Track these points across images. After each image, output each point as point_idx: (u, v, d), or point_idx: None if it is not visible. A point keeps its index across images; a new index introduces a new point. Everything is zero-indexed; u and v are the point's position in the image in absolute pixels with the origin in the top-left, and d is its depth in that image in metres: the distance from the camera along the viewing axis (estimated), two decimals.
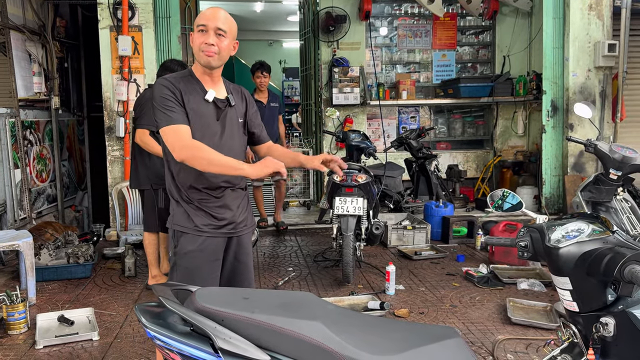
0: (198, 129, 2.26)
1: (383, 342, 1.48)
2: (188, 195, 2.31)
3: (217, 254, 2.36)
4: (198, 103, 2.27)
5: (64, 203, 6.84)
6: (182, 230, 2.31)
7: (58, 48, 6.72)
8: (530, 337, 3.40)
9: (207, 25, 2.23)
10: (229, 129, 2.36)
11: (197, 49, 2.25)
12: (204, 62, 2.26)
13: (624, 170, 3.89)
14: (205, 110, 2.29)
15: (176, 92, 2.23)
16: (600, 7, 6.42)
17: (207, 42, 2.22)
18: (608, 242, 1.56)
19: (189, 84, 2.30)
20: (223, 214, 2.35)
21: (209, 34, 2.23)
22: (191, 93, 2.27)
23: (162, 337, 1.42)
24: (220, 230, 2.35)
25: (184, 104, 2.23)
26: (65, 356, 3.22)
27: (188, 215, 2.31)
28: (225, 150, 2.30)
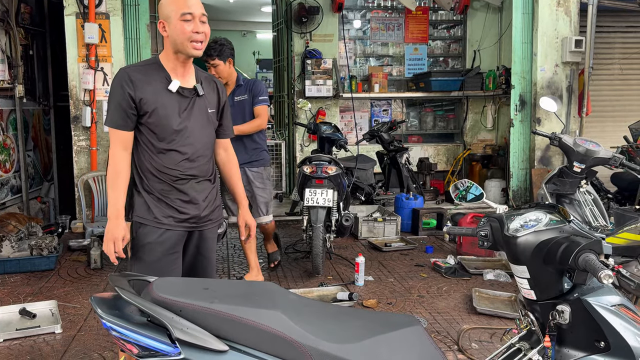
0: (159, 122, 2.20)
1: (344, 331, 1.49)
2: (149, 185, 2.26)
3: (176, 247, 2.31)
4: (158, 94, 2.20)
5: (29, 194, 6.66)
6: (141, 222, 2.26)
7: (22, 35, 6.52)
8: (495, 327, 3.46)
9: (193, 13, 2.13)
10: (197, 120, 2.28)
11: (184, 39, 2.14)
12: (191, 53, 2.19)
13: (587, 163, 3.98)
14: (166, 101, 2.21)
15: (127, 87, 2.16)
16: (568, 4, 6.54)
17: (198, 31, 2.14)
18: (564, 232, 1.59)
19: (151, 73, 2.22)
20: (186, 208, 2.29)
21: (196, 22, 2.14)
22: (150, 83, 2.19)
23: (118, 328, 1.40)
24: (182, 223, 2.29)
25: (135, 98, 2.16)
26: (27, 350, 3.14)
27: (148, 207, 2.26)
28: (194, 142, 2.26)
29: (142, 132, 2.24)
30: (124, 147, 2.22)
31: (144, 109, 2.18)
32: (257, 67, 13.85)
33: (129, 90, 2.15)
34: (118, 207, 2.20)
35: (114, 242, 2.17)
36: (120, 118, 2.18)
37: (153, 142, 2.24)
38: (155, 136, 2.23)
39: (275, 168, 7.72)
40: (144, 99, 2.17)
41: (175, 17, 2.13)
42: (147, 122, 2.21)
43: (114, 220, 2.19)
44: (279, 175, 7.73)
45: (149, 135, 2.23)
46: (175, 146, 2.24)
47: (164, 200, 2.26)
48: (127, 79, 2.16)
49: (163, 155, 2.24)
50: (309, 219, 4.46)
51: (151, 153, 2.25)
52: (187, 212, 2.29)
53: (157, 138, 2.23)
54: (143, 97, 2.17)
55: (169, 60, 2.24)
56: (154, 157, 2.24)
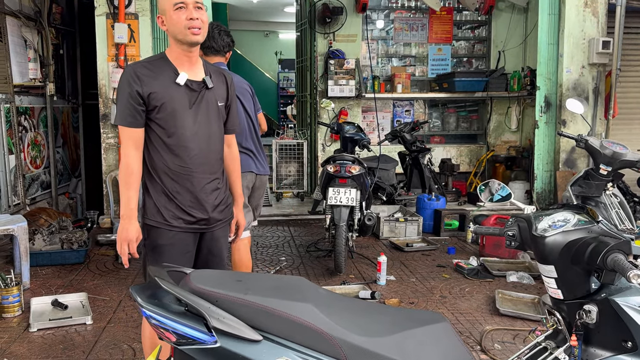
0: (168, 116, 2.18)
1: (373, 325, 1.52)
2: (160, 185, 2.23)
3: (188, 248, 2.29)
4: (166, 87, 2.17)
5: (58, 190, 6.83)
6: (152, 224, 2.24)
7: (54, 34, 6.70)
8: (518, 328, 3.46)
9: (185, 1, 2.12)
10: (205, 113, 2.25)
11: (182, 28, 2.12)
12: (191, 40, 2.15)
13: (614, 165, 3.94)
14: (175, 95, 2.18)
15: (134, 83, 2.14)
16: (596, 4, 6.46)
17: (192, 17, 2.11)
18: (592, 232, 1.61)
19: (158, 68, 2.20)
20: (195, 211, 2.26)
21: (189, 9, 2.12)
22: (157, 77, 2.17)
23: (157, 317, 1.46)
24: (192, 225, 2.27)
25: (142, 94, 2.14)
26: (59, 339, 3.25)
27: (158, 209, 2.23)
28: (203, 137, 2.24)
29: (152, 129, 2.21)
30: (136, 146, 2.19)
31: (153, 104, 2.16)
32: (280, 67, 13.94)
33: (137, 87, 2.13)
34: (131, 206, 2.18)
35: (127, 244, 2.17)
36: (130, 115, 2.15)
37: (163, 138, 2.20)
38: (165, 132, 2.19)
39: (297, 167, 7.78)
40: (152, 94, 2.14)
41: (169, 9, 2.14)
42: (157, 118, 2.18)
43: (127, 221, 2.18)
44: (300, 174, 7.79)
45: (159, 131, 2.20)
46: (186, 142, 2.21)
47: (174, 201, 2.23)
48: (133, 75, 2.14)
49: (174, 151, 2.20)
50: (332, 217, 4.50)
51: (162, 150, 2.21)
52: (196, 215, 2.26)
53: (167, 134, 2.20)
54: (152, 92, 2.14)
55: (174, 53, 2.22)
56: (165, 154, 2.21)
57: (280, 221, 6.55)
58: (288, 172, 7.79)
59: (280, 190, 7.76)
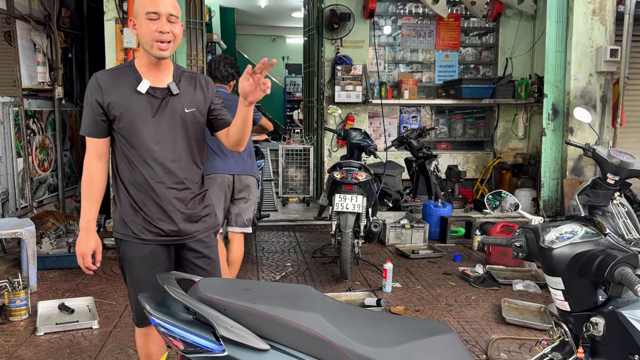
0: (128, 126, 2.09)
1: (379, 335, 1.53)
2: (126, 196, 2.15)
3: (160, 260, 2.19)
4: (126, 96, 2.09)
5: (65, 193, 6.88)
6: (121, 237, 2.18)
7: (63, 38, 6.76)
8: (524, 337, 3.45)
9: (159, 12, 2.01)
10: (169, 121, 2.13)
11: (149, 39, 2.02)
12: (156, 54, 2.06)
13: (621, 175, 3.93)
14: (135, 103, 2.09)
15: (95, 92, 2.08)
16: (604, 13, 6.45)
17: (162, 31, 2.02)
18: (600, 244, 1.60)
19: (121, 76, 2.12)
20: (162, 224, 2.15)
21: (161, 22, 2.02)
22: (119, 86, 2.09)
23: (166, 325, 1.47)
24: (160, 237, 2.17)
25: (102, 104, 2.07)
26: (66, 343, 3.27)
27: (125, 222, 2.16)
28: (167, 146, 2.12)
29: (116, 140, 2.14)
30: (98, 156, 2.14)
31: (112, 113, 2.08)
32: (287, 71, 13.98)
33: (97, 97, 2.07)
34: (89, 218, 2.14)
35: (83, 258, 2.15)
36: (91, 125, 2.10)
37: (125, 149, 2.11)
38: (126, 142, 2.11)
39: (303, 172, 7.79)
40: (111, 103, 2.07)
41: (141, 16, 2.03)
42: (119, 128, 2.10)
43: (84, 233, 2.14)
44: (306, 180, 7.80)
45: (122, 141, 2.12)
46: (148, 152, 2.10)
47: (141, 213, 2.14)
48: (95, 85, 2.08)
49: (136, 162, 2.11)
50: (338, 224, 4.51)
51: (126, 161, 2.13)
52: (164, 228, 2.16)
53: (129, 144, 2.10)
54: (111, 101, 2.07)
55: (141, 60, 2.13)
56: (129, 165, 2.12)
57: (286, 226, 6.56)
58: (294, 177, 7.80)
59: (286, 195, 7.78)
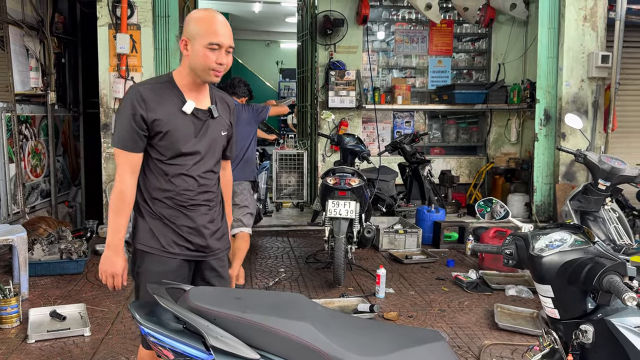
0: (171, 145, 2.07)
1: (369, 343, 1.53)
2: (156, 210, 2.12)
3: (183, 276, 2.17)
4: (172, 115, 2.07)
5: (58, 198, 6.85)
6: (146, 250, 2.12)
7: (56, 44, 6.74)
8: (516, 343, 3.46)
9: (221, 44, 2.02)
10: (209, 143, 2.16)
11: (206, 67, 2.03)
12: (210, 80, 2.09)
13: (612, 180, 3.96)
14: (180, 123, 2.08)
15: (138, 106, 2.02)
16: (595, 19, 6.51)
17: (222, 62, 2.03)
18: (589, 253, 1.62)
19: (164, 92, 2.08)
20: (193, 237, 2.16)
21: (221, 53, 2.03)
22: (163, 103, 2.06)
23: (156, 334, 1.47)
24: (188, 252, 2.16)
25: (146, 120, 2.03)
26: (57, 351, 3.25)
27: (153, 234, 2.12)
28: (205, 166, 2.16)
29: (151, 155, 2.10)
30: (132, 171, 2.08)
31: (156, 130, 2.05)
32: (280, 76, 13.99)
33: (141, 111, 2.02)
34: (121, 236, 2.08)
35: (113, 277, 2.08)
36: (130, 139, 2.04)
37: (161, 165, 2.10)
38: (164, 159, 2.10)
39: (297, 177, 7.80)
40: (157, 121, 2.04)
41: (201, 43, 2.01)
42: (158, 145, 2.08)
43: (113, 251, 2.07)
44: (300, 185, 7.81)
45: (159, 158, 2.10)
46: (186, 170, 2.11)
47: (171, 226, 2.13)
48: (139, 98, 2.03)
49: (173, 179, 2.11)
50: (331, 229, 4.51)
51: (160, 177, 2.11)
52: (193, 241, 2.16)
53: (166, 161, 2.10)
54: (156, 119, 2.03)
55: (184, 79, 2.11)
56: (164, 181, 2.11)
57: (279, 232, 6.56)
58: (288, 182, 7.80)
59: (280, 200, 7.77)
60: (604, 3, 6.50)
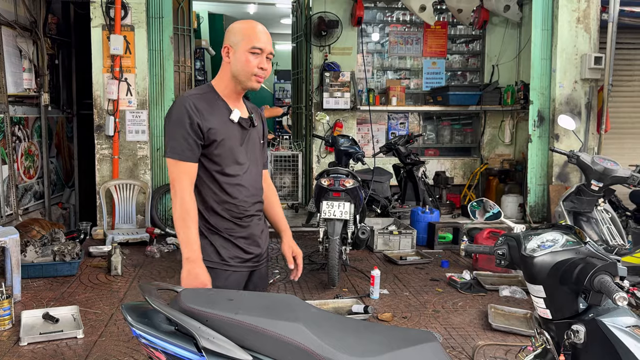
0: (225, 153, 2.07)
1: (363, 345, 1.53)
2: (214, 224, 2.09)
3: (242, 286, 2.18)
4: (222, 124, 2.06)
5: (51, 200, 6.82)
6: (210, 266, 2.05)
7: (49, 45, 6.71)
8: (510, 343, 3.47)
9: (263, 49, 2.04)
10: (252, 152, 2.18)
11: (249, 73, 2.04)
12: (253, 87, 2.08)
13: (605, 181, 3.98)
14: (230, 132, 2.08)
15: (194, 116, 2.00)
16: (588, 21, 6.54)
17: (263, 67, 2.05)
18: (580, 253, 1.62)
19: (211, 102, 2.08)
20: (250, 247, 2.16)
21: (263, 58, 2.05)
22: (214, 112, 2.06)
23: (147, 336, 1.46)
24: (246, 264, 2.16)
25: (202, 128, 2.01)
26: (50, 353, 3.23)
27: (215, 248, 2.09)
28: (253, 174, 2.16)
29: (205, 166, 2.06)
30: (191, 181, 2.04)
31: (211, 139, 2.03)
32: (275, 77, 13.99)
33: (197, 120, 1.99)
34: (196, 247, 1.99)
35: None
36: (189, 149, 2.00)
37: (217, 176, 2.07)
38: (220, 169, 2.07)
39: (292, 178, 7.80)
40: (212, 129, 2.02)
41: (243, 48, 2.02)
42: (212, 154, 2.05)
43: (193, 264, 1.97)
44: (295, 186, 7.80)
45: (213, 168, 2.07)
46: (239, 180, 2.11)
47: (230, 239, 2.11)
48: (193, 107, 2.00)
49: (228, 189, 2.09)
50: (326, 231, 4.51)
51: (215, 188, 2.08)
52: (251, 252, 2.16)
53: (222, 171, 2.07)
54: (211, 127, 2.02)
55: (226, 88, 2.11)
56: (219, 192, 2.08)
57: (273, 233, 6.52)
58: (283, 183, 7.80)
59: None
60: (596, 5, 6.54)
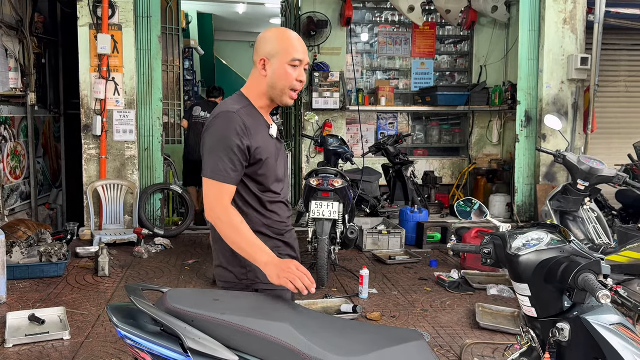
0: (268, 172, 1.94)
1: (349, 344, 1.53)
2: None
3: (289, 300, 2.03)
4: (266, 141, 1.95)
5: (38, 201, 6.75)
6: (266, 288, 1.89)
7: (36, 44, 6.64)
8: (498, 342, 3.49)
9: (303, 60, 1.93)
10: (283, 165, 2.08)
11: (287, 86, 1.92)
12: (286, 103, 1.97)
13: (591, 181, 4.01)
14: (270, 149, 1.97)
15: (244, 136, 1.85)
16: (575, 22, 6.60)
17: (302, 79, 1.94)
18: (565, 251, 1.64)
19: (254, 117, 1.95)
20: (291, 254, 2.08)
21: (301, 70, 1.93)
22: (258, 129, 1.93)
23: (133, 337, 1.45)
24: None
25: (250, 148, 1.87)
26: (36, 355, 3.20)
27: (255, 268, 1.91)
28: (286, 188, 2.08)
29: (248, 186, 1.93)
30: (230, 200, 1.88)
31: (257, 158, 1.89)
32: None
33: (247, 140, 1.85)
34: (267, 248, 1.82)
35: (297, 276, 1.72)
36: (233, 170, 1.84)
37: (260, 195, 1.95)
38: (261, 188, 1.95)
39: None
40: (259, 148, 1.89)
41: (282, 60, 1.90)
42: (256, 174, 1.92)
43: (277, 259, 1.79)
44: None
45: (255, 187, 1.94)
46: (280, 197, 2.02)
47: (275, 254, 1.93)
48: (243, 126, 1.85)
49: (271, 207, 1.98)
50: (315, 230, 4.51)
51: (257, 206, 1.96)
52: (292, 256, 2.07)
53: (263, 190, 1.95)
54: (258, 146, 1.89)
55: (260, 101, 1.98)
56: (263, 211, 1.96)
57: None
58: None
59: None
60: (583, 6, 6.60)
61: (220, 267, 1.98)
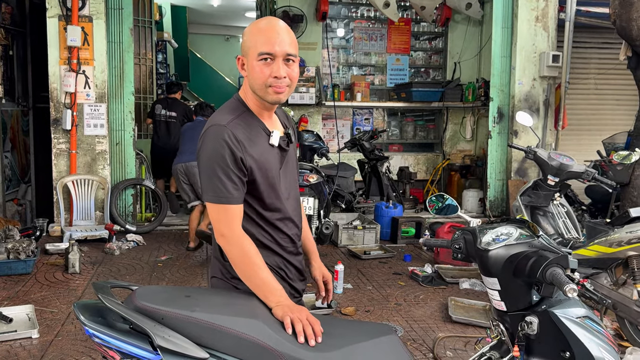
0: (268, 187, 1.76)
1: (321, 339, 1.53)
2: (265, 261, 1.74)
3: None
4: (264, 152, 1.74)
5: (6, 196, 6.58)
6: None
7: (3, 35, 6.46)
8: (469, 335, 3.54)
9: (274, 53, 1.67)
10: (291, 175, 1.87)
11: (261, 85, 1.69)
12: (272, 100, 1.72)
13: (561, 176, 4.09)
14: (271, 160, 1.76)
15: (236, 150, 1.66)
16: (546, 19, 6.71)
17: (278, 76, 1.68)
18: (533, 246, 1.66)
19: (251, 126, 1.74)
20: (297, 283, 1.92)
21: (277, 64, 1.68)
22: (254, 140, 1.73)
23: (100, 335, 1.42)
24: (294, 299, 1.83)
25: (245, 162, 1.69)
26: (2, 355, 3.12)
27: None
28: (294, 199, 1.87)
29: (249, 203, 1.75)
30: (240, 223, 1.72)
31: (255, 173, 1.72)
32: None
33: (240, 154, 1.67)
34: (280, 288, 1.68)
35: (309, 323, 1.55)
36: (234, 188, 1.67)
37: (262, 212, 1.77)
38: (263, 204, 1.77)
39: None
40: (256, 163, 1.71)
41: (252, 56, 1.69)
42: (254, 189, 1.74)
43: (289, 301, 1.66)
44: None
45: (257, 204, 1.76)
46: (285, 213, 1.82)
47: (280, 274, 1.83)
48: (233, 139, 1.66)
49: (275, 224, 1.80)
50: None
51: (263, 223, 1.78)
52: (299, 287, 1.94)
53: (265, 206, 1.77)
54: (255, 160, 1.71)
55: (254, 104, 1.78)
56: (268, 228, 1.79)
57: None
58: None
59: None
60: (554, 4, 6.71)
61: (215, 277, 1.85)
